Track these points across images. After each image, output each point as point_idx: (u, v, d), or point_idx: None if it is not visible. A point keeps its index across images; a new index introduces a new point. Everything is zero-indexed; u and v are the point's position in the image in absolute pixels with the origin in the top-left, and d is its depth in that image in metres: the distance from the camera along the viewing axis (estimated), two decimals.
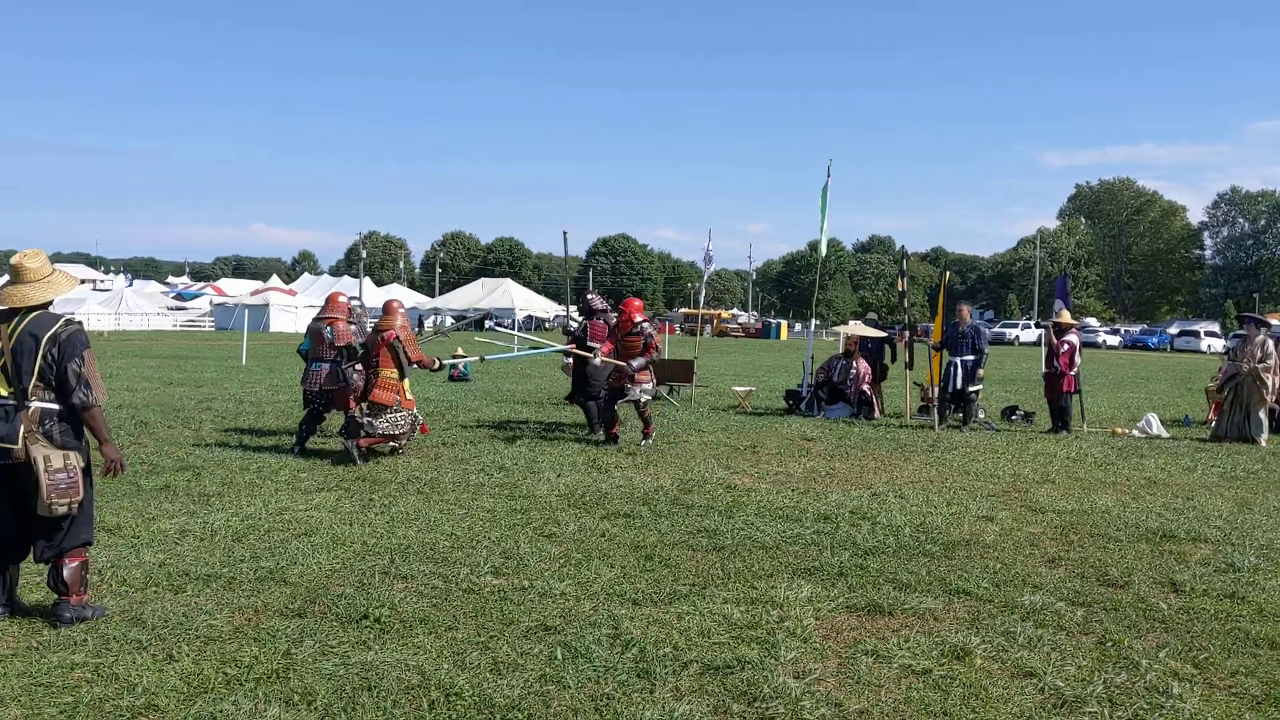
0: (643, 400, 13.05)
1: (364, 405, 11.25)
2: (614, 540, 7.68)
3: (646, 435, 13.07)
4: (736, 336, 78.15)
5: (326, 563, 6.84)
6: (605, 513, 8.65)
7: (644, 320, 13.17)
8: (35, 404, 5.48)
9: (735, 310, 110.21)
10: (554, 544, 7.53)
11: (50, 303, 5.72)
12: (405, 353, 11.39)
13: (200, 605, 5.87)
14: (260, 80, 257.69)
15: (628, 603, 6.10)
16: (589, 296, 14.75)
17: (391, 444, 11.50)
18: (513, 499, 9.19)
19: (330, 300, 12.73)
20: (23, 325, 5.52)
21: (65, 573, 5.54)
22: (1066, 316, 16.23)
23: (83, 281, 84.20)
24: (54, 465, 5.43)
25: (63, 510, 5.47)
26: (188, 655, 5.06)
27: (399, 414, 11.38)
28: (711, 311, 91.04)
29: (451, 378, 23.25)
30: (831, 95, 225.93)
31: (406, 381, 11.68)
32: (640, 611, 5.93)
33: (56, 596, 5.56)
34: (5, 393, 5.48)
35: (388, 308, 11.72)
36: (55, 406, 5.53)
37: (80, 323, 5.74)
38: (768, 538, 7.84)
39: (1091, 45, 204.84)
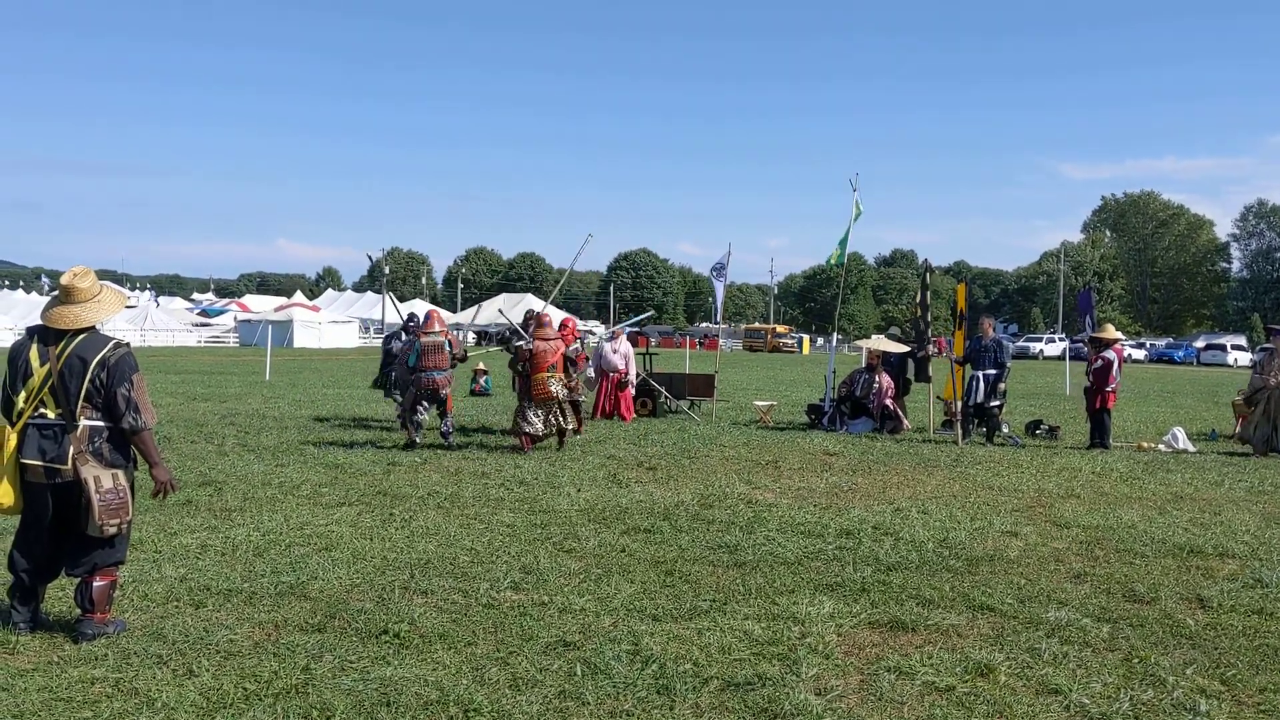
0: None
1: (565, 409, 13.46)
2: (634, 555, 7.65)
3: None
4: (789, 352, 77.25)
5: (346, 577, 6.84)
6: (625, 528, 8.63)
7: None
8: (83, 422, 5.49)
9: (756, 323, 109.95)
10: (574, 559, 7.51)
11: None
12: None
13: (220, 620, 5.87)
14: (284, 100, 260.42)
15: (648, 618, 6.06)
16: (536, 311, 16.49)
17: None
18: (533, 514, 9.18)
19: (434, 317, 14.47)
20: (71, 347, 5.50)
21: (94, 590, 5.54)
22: (1110, 331, 15.96)
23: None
24: (104, 485, 5.44)
25: (113, 530, 5.50)
26: (208, 670, 5.06)
27: None
28: (766, 326, 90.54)
29: (473, 392, 23.36)
30: (851, 110, 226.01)
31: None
32: (660, 627, 5.89)
33: (80, 612, 5.58)
34: (53, 414, 5.48)
35: (543, 319, 14.04)
36: (102, 424, 5.54)
37: (128, 345, 5.71)
38: (789, 553, 7.79)
39: (1113, 60, 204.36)
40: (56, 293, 5.70)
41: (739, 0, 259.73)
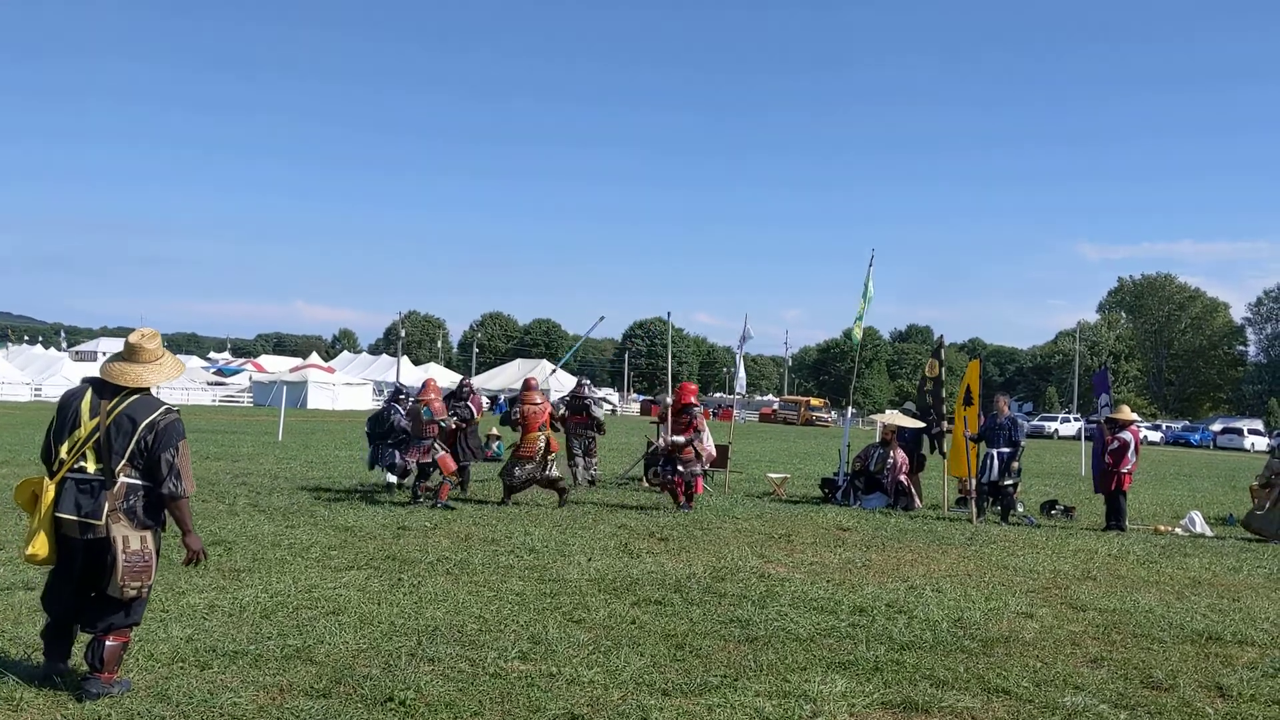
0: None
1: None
2: (644, 628, 7.57)
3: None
4: (823, 425, 74.99)
5: (353, 642, 6.77)
6: (636, 599, 8.54)
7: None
8: (121, 479, 5.52)
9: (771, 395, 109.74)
10: (583, 630, 7.43)
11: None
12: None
13: (226, 683, 5.82)
14: (305, 165, 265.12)
15: (657, 693, 5.98)
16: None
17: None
18: (542, 582, 9.10)
19: (426, 385, 15.36)
20: (123, 405, 5.56)
21: (106, 649, 5.52)
22: (1126, 412, 15.93)
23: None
24: (131, 547, 5.46)
25: (133, 593, 5.51)
26: None
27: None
28: (800, 399, 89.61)
29: (485, 458, 23.30)
30: (869, 186, 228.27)
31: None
32: (670, 702, 5.81)
33: (87, 670, 5.54)
34: (93, 469, 5.52)
35: (531, 384, 15.27)
36: (139, 483, 5.57)
37: (178, 412, 5.76)
38: (801, 629, 7.69)
39: (1131, 142, 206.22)
40: (120, 350, 5.79)
41: (760, 74, 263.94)
